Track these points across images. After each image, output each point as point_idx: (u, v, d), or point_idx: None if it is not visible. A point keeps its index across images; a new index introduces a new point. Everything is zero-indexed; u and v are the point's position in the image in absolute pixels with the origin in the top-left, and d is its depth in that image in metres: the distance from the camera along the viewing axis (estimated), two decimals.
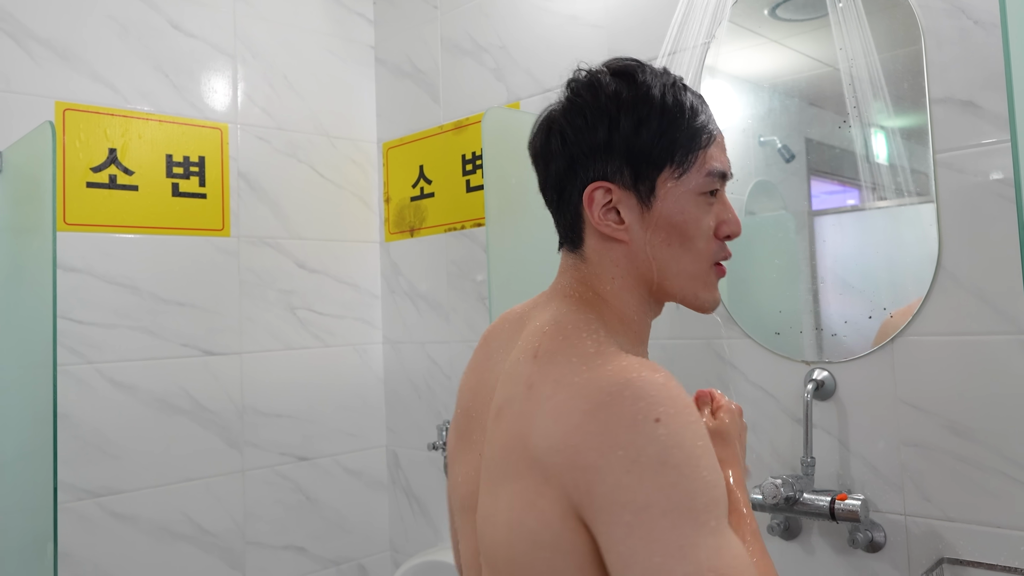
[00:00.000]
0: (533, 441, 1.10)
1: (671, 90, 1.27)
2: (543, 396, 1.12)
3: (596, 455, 1.02)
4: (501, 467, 1.16)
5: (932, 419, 2.10)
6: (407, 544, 3.60)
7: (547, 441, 1.08)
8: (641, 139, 1.24)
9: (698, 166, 1.26)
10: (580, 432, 1.05)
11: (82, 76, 2.93)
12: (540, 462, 1.08)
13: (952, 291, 2.07)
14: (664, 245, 1.26)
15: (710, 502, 1.00)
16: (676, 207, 1.25)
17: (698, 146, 1.26)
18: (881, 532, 2.17)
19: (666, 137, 1.24)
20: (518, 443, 1.12)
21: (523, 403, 1.14)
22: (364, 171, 3.74)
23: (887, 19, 2.21)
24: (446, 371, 3.41)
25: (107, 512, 2.89)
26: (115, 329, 2.95)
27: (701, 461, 1.02)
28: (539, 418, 1.10)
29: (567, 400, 1.08)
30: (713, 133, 1.29)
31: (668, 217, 1.25)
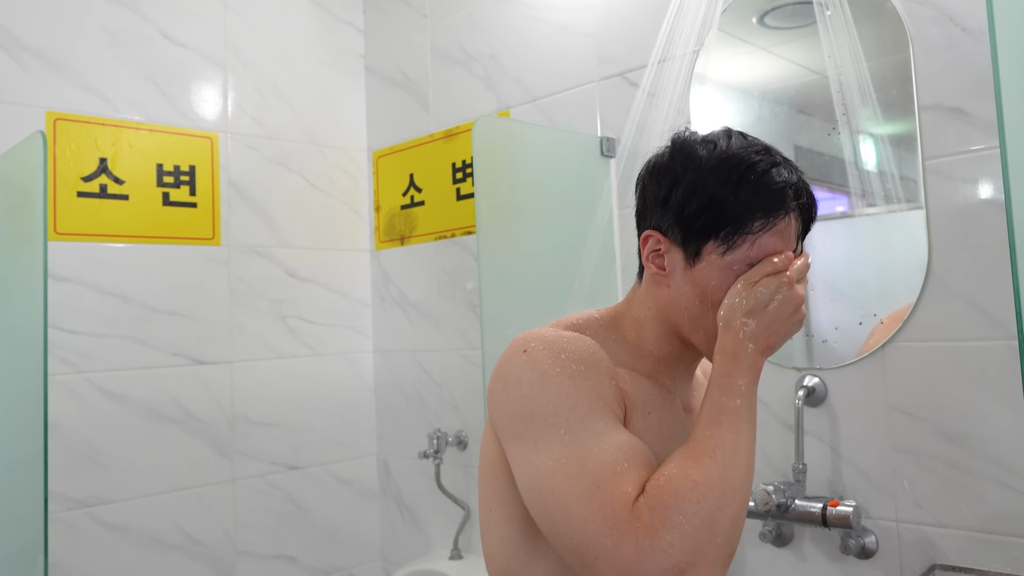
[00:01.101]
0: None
1: (736, 169, 1.32)
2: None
3: (492, 382, 1.33)
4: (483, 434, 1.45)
5: (923, 425, 2.11)
6: (398, 553, 3.60)
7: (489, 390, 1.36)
8: (687, 209, 1.33)
9: (744, 249, 1.31)
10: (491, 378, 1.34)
11: (73, 86, 2.93)
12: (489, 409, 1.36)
13: (942, 297, 2.08)
14: (698, 301, 1.35)
15: (558, 407, 1.22)
16: (713, 276, 1.33)
17: (748, 231, 1.31)
18: (873, 538, 2.18)
19: (711, 213, 1.31)
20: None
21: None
22: (354, 180, 3.74)
23: (875, 27, 2.22)
24: (437, 379, 3.41)
25: (97, 522, 2.88)
26: (105, 338, 2.94)
27: (553, 379, 1.24)
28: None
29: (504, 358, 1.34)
30: (771, 221, 1.31)
31: (705, 282, 1.33)
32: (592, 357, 1.29)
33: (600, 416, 1.22)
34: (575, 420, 1.21)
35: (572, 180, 2.64)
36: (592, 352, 1.29)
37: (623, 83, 2.78)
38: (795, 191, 1.34)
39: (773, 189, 1.31)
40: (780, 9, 2.43)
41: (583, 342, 1.31)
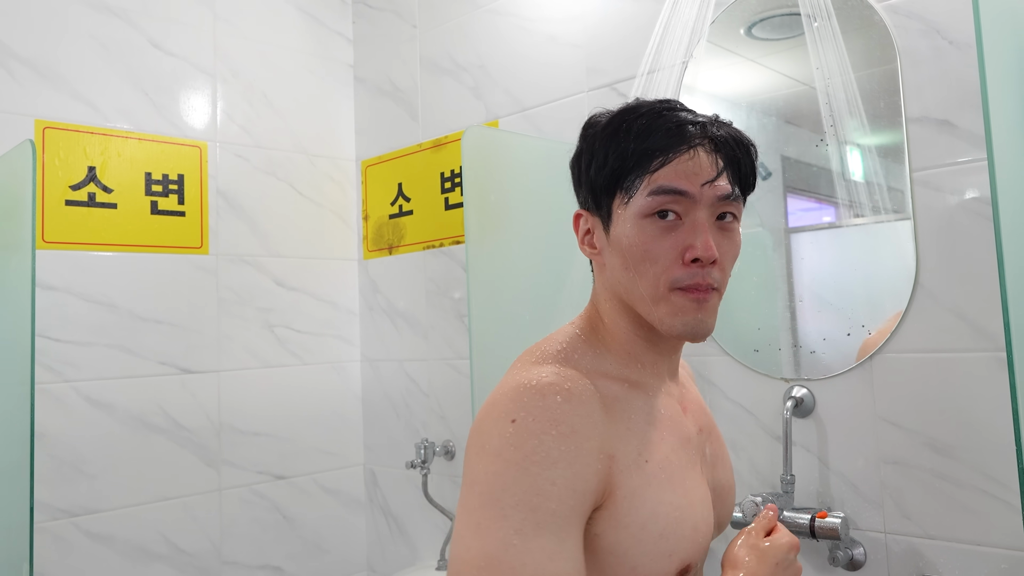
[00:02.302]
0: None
1: (625, 119, 1.31)
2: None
3: (469, 438, 1.18)
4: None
5: (911, 436, 2.11)
6: (385, 563, 3.59)
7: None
8: (592, 169, 1.32)
9: (642, 189, 1.27)
10: (473, 426, 1.20)
11: (62, 94, 2.93)
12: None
13: (930, 308, 2.08)
14: (622, 269, 1.30)
15: (523, 503, 1.08)
16: (624, 231, 1.29)
17: (645, 170, 1.27)
18: (861, 550, 2.18)
19: (609, 165, 1.29)
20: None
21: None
22: (343, 189, 3.74)
23: (863, 39, 2.22)
24: (424, 389, 3.41)
25: (83, 532, 2.87)
26: (92, 347, 2.94)
27: (531, 469, 1.10)
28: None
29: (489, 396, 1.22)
30: (669, 156, 1.27)
31: (619, 241, 1.29)
32: (585, 425, 1.17)
33: (561, 527, 1.09)
34: (531, 525, 1.07)
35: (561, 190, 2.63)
36: (586, 414, 1.18)
37: (612, 94, 2.78)
38: (700, 128, 1.30)
39: (669, 127, 1.29)
40: (768, 21, 2.43)
41: (578, 402, 1.18)
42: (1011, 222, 1.40)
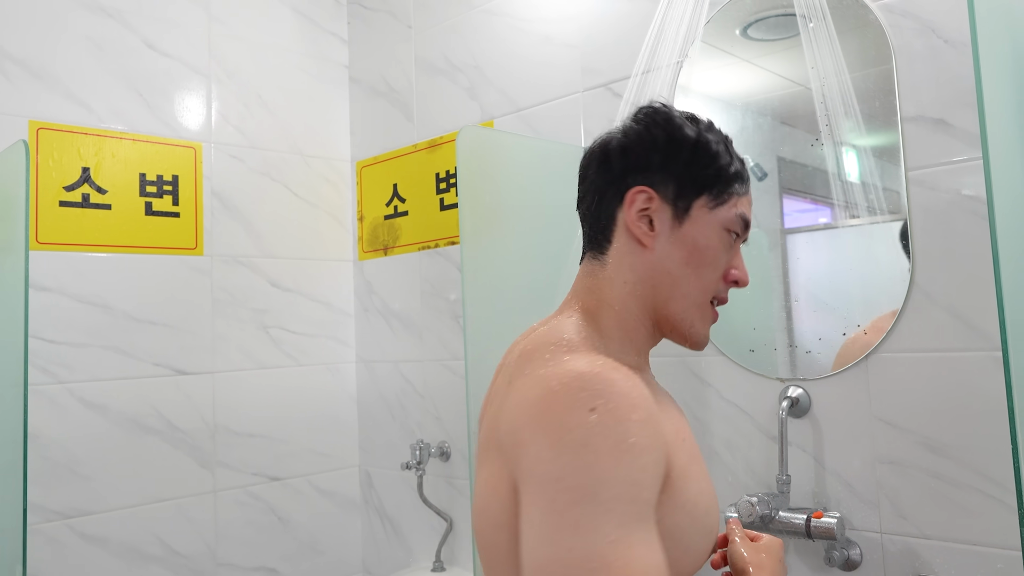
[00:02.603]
0: (502, 431, 1.18)
1: (726, 139, 1.43)
2: (515, 390, 1.19)
3: (530, 432, 1.10)
4: (478, 459, 1.27)
5: (907, 436, 2.11)
6: (380, 565, 3.58)
7: (508, 425, 1.16)
8: (693, 164, 1.36)
9: (730, 205, 1.37)
10: (526, 414, 1.12)
11: (56, 95, 2.92)
12: (500, 447, 1.17)
13: (925, 308, 2.08)
14: (683, 264, 1.35)
15: (623, 495, 1.04)
16: (703, 232, 1.35)
17: (734, 191, 1.38)
18: (857, 550, 2.18)
19: (711, 169, 1.36)
20: (492, 436, 1.22)
21: (503, 398, 1.23)
22: (338, 190, 3.73)
23: (858, 39, 2.22)
24: (419, 390, 3.40)
25: (77, 534, 2.86)
26: (86, 348, 2.93)
27: (625, 457, 1.05)
28: (507, 408, 1.19)
29: (527, 388, 1.15)
30: (747, 187, 1.41)
31: (694, 239, 1.35)
32: (653, 408, 1.14)
33: (651, 515, 1.07)
34: (632, 517, 1.04)
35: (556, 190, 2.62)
36: (649, 397, 1.15)
37: (607, 94, 2.78)
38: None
39: (746, 166, 1.44)
40: (763, 21, 2.43)
41: (640, 386, 1.15)
42: (1007, 221, 1.40)
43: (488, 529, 1.20)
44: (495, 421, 1.23)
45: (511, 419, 1.16)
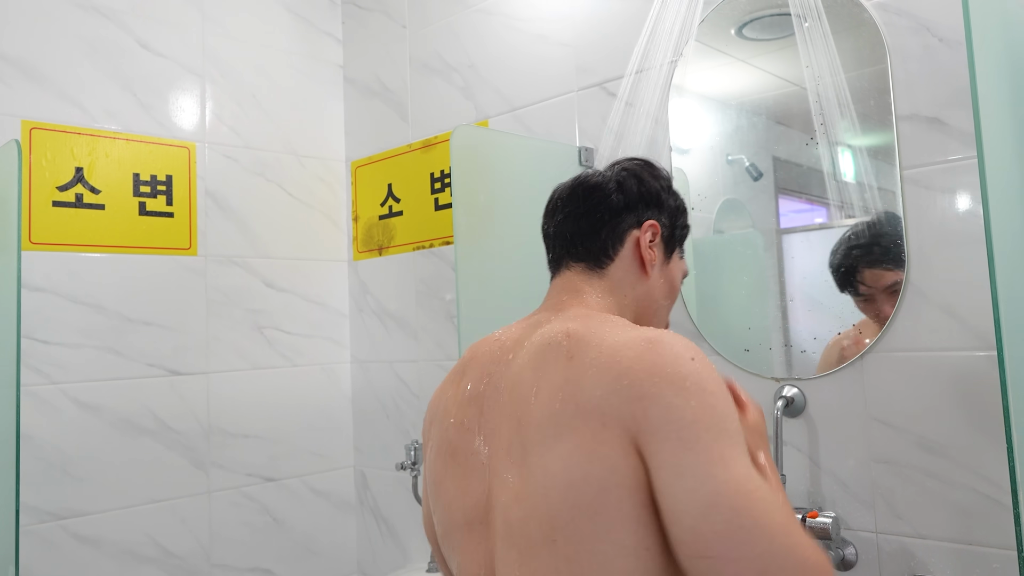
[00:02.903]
0: (585, 397, 1.24)
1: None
2: (587, 360, 1.27)
3: (648, 385, 1.20)
4: (545, 436, 1.27)
5: (902, 436, 2.11)
6: (375, 566, 3.58)
7: (601, 389, 1.23)
8: (679, 215, 1.65)
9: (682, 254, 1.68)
10: (631, 372, 1.22)
11: (49, 95, 2.91)
12: (596, 411, 1.22)
13: (920, 307, 2.08)
14: (664, 296, 1.61)
15: (736, 428, 1.20)
16: (677, 272, 1.65)
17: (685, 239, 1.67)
18: (852, 550, 2.17)
19: (686, 228, 1.67)
20: (567, 407, 1.25)
21: (565, 372, 1.29)
22: (332, 190, 3.73)
23: (853, 38, 2.22)
24: (414, 390, 3.40)
25: (70, 535, 2.85)
26: (80, 349, 2.92)
27: (725, 395, 1.22)
28: (588, 376, 1.25)
29: (614, 353, 1.25)
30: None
31: (674, 278, 1.64)
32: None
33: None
34: (742, 445, 1.19)
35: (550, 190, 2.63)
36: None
37: (601, 93, 2.78)
38: None
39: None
40: (758, 21, 2.43)
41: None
42: (1001, 220, 1.39)
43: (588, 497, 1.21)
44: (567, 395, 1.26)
45: (608, 382, 1.23)
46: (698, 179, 2.51)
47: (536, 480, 1.26)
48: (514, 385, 1.37)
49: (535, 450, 1.27)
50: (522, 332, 1.49)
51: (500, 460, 1.35)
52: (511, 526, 1.29)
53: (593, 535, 1.21)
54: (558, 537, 1.23)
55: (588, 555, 1.21)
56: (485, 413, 1.43)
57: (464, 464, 1.43)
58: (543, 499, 1.24)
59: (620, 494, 1.19)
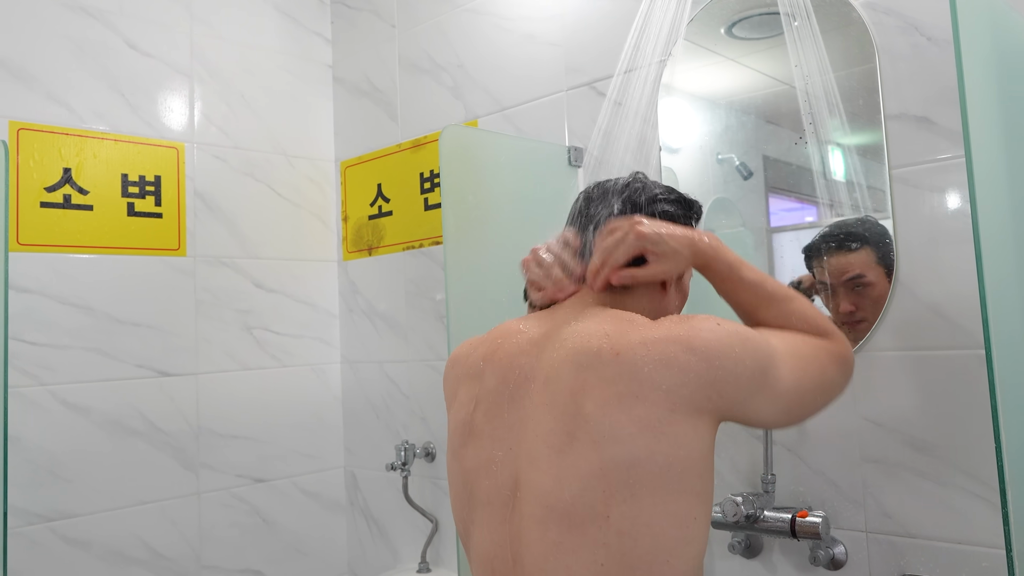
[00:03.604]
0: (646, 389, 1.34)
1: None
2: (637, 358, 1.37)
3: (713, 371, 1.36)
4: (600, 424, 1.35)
5: (892, 435, 2.11)
6: (365, 567, 3.57)
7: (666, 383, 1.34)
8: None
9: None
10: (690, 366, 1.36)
11: (37, 95, 2.91)
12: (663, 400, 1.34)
13: (910, 306, 2.08)
14: (677, 308, 1.71)
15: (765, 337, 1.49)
16: (687, 280, 1.74)
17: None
18: (842, 549, 2.17)
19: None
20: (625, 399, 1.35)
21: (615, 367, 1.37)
22: (322, 190, 3.72)
23: (842, 37, 2.22)
24: (404, 391, 3.40)
25: (59, 537, 2.85)
26: (69, 350, 2.92)
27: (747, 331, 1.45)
28: (644, 371, 1.35)
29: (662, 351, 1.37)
30: None
31: (685, 286, 1.74)
32: None
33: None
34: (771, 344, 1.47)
35: (540, 190, 2.63)
36: None
37: (591, 93, 2.78)
38: None
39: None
40: (747, 20, 2.43)
41: None
42: (990, 219, 1.39)
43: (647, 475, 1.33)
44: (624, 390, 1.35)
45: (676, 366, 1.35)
46: (688, 178, 2.51)
47: (591, 463, 1.34)
48: (551, 379, 1.45)
49: (588, 438, 1.35)
50: (547, 327, 1.57)
51: (535, 447, 1.42)
52: (551, 508, 1.36)
53: (651, 508, 1.32)
54: (612, 513, 1.32)
55: (644, 527, 1.31)
56: (513, 403, 1.50)
57: (489, 447, 1.51)
58: (599, 479, 1.33)
59: (683, 467, 1.33)
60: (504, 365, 1.55)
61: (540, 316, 1.64)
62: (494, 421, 1.52)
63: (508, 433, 1.49)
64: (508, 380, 1.53)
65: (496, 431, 1.51)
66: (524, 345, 1.55)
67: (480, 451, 1.52)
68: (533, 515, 1.39)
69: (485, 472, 1.50)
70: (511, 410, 1.50)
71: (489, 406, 1.54)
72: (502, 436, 1.49)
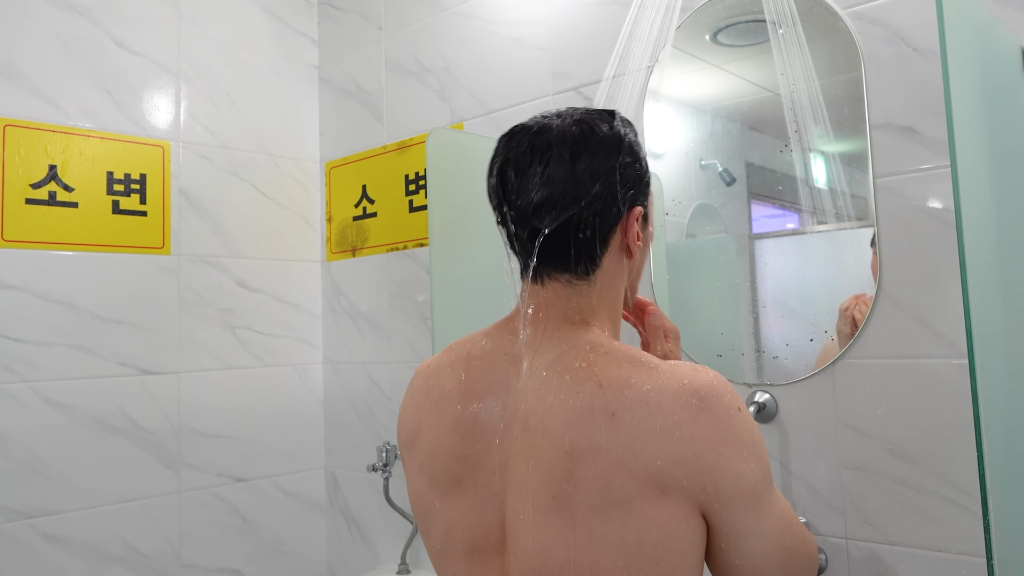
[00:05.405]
0: (640, 464, 1.20)
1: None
2: (635, 422, 1.21)
3: (715, 456, 1.20)
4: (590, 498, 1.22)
5: (873, 442, 2.12)
6: (345, 568, 3.57)
7: (661, 460, 1.19)
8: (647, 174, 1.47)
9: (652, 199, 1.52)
10: (694, 441, 1.20)
11: (23, 92, 2.90)
12: (654, 479, 1.19)
13: (892, 314, 2.09)
14: (642, 267, 1.54)
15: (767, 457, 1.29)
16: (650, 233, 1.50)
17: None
18: (822, 556, 2.18)
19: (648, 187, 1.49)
20: (619, 472, 1.20)
21: (609, 432, 1.21)
22: (307, 190, 3.72)
23: (827, 45, 2.23)
24: (386, 392, 3.40)
25: (39, 534, 2.84)
26: (51, 347, 2.91)
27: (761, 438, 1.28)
28: (641, 442, 1.20)
29: (667, 416, 1.21)
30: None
31: (649, 240, 1.50)
32: None
33: None
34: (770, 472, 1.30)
35: None
36: None
37: (578, 98, 2.78)
38: None
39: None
40: (733, 27, 2.44)
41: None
42: (974, 229, 1.40)
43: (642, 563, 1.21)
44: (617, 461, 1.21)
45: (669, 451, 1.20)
46: (672, 184, 2.52)
47: (579, 536, 1.23)
48: (534, 428, 1.29)
49: (577, 509, 1.23)
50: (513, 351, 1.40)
51: (520, 503, 1.29)
52: (539, 572, 1.26)
53: None
54: None
55: None
56: (495, 446, 1.35)
57: (471, 495, 1.37)
58: (588, 556, 1.22)
59: (674, 560, 1.22)
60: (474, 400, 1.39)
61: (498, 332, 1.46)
62: (475, 468, 1.36)
63: (490, 480, 1.34)
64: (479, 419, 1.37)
65: (478, 478, 1.35)
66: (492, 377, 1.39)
67: (464, 500, 1.37)
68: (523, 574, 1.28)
69: (472, 522, 1.36)
70: (493, 455, 1.34)
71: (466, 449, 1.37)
72: (484, 484, 1.35)
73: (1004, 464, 1.41)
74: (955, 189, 1.38)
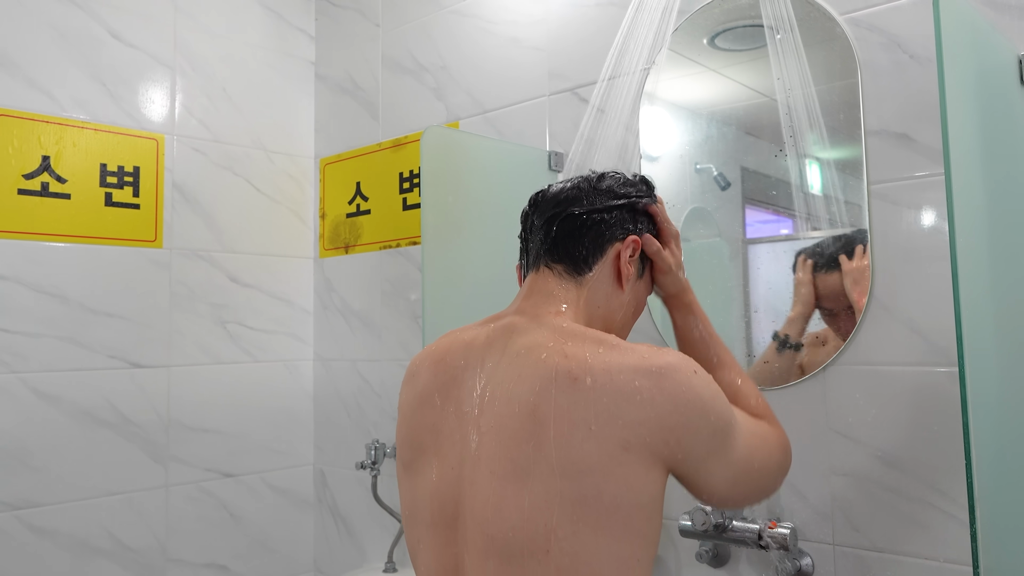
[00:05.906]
0: (602, 422, 1.30)
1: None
2: (597, 386, 1.32)
3: (676, 416, 1.33)
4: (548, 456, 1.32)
5: (862, 449, 2.12)
6: (332, 564, 3.57)
7: (623, 419, 1.30)
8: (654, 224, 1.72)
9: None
10: (655, 404, 1.32)
11: (17, 82, 2.89)
12: (616, 437, 1.30)
13: (884, 321, 2.09)
14: (631, 314, 1.67)
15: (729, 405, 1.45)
16: (645, 291, 1.72)
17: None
18: (809, 560, 2.18)
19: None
20: (578, 430, 1.31)
21: (571, 395, 1.33)
22: (300, 186, 3.72)
23: (824, 51, 2.23)
24: (376, 389, 3.39)
25: (25, 525, 2.83)
26: (41, 339, 2.90)
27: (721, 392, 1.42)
28: (603, 403, 1.31)
29: (627, 383, 1.32)
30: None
31: (641, 295, 1.70)
32: None
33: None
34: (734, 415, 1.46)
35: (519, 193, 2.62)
36: None
37: (573, 98, 2.78)
38: None
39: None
40: (731, 31, 2.44)
41: None
42: (966, 237, 1.40)
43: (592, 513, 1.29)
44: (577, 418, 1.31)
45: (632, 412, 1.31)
46: (666, 187, 2.52)
47: (535, 495, 1.31)
48: (498, 399, 1.41)
49: (535, 468, 1.32)
50: (494, 335, 1.52)
51: (476, 471, 1.39)
52: (492, 539, 1.33)
53: (594, 547, 1.29)
54: (553, 548, 1.29)
55: (584, 566, 1.29)
56: (462, 418, 1.46)
57: (435, 466, 1.48)
58: (542, 513, 1.30)
59: (630, 510, 1.30)
60: (449, 377, 1.53)
61: (492, 321, 1.60)
62: (439, 437, 1.49)
63: (452, 450, 1.45)
64: (451, 393, 1.51)
65: (442, 448, 1.47)
66: (470, 357, 1.52)
67: (428, 469, 1.49)
68: (475, 543, 1.36)
69: (432, 492, 1.47)
70: (457, 426, 1.46)
71: (435, 420, 1.51)
72: (447, 453, 1.46)
73: (992, 472, 1.41)
74: (948, 197, 1.38)
